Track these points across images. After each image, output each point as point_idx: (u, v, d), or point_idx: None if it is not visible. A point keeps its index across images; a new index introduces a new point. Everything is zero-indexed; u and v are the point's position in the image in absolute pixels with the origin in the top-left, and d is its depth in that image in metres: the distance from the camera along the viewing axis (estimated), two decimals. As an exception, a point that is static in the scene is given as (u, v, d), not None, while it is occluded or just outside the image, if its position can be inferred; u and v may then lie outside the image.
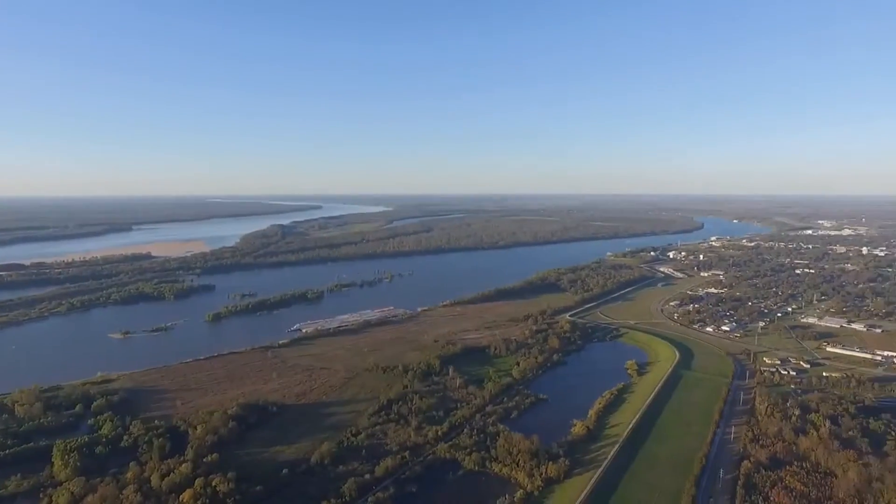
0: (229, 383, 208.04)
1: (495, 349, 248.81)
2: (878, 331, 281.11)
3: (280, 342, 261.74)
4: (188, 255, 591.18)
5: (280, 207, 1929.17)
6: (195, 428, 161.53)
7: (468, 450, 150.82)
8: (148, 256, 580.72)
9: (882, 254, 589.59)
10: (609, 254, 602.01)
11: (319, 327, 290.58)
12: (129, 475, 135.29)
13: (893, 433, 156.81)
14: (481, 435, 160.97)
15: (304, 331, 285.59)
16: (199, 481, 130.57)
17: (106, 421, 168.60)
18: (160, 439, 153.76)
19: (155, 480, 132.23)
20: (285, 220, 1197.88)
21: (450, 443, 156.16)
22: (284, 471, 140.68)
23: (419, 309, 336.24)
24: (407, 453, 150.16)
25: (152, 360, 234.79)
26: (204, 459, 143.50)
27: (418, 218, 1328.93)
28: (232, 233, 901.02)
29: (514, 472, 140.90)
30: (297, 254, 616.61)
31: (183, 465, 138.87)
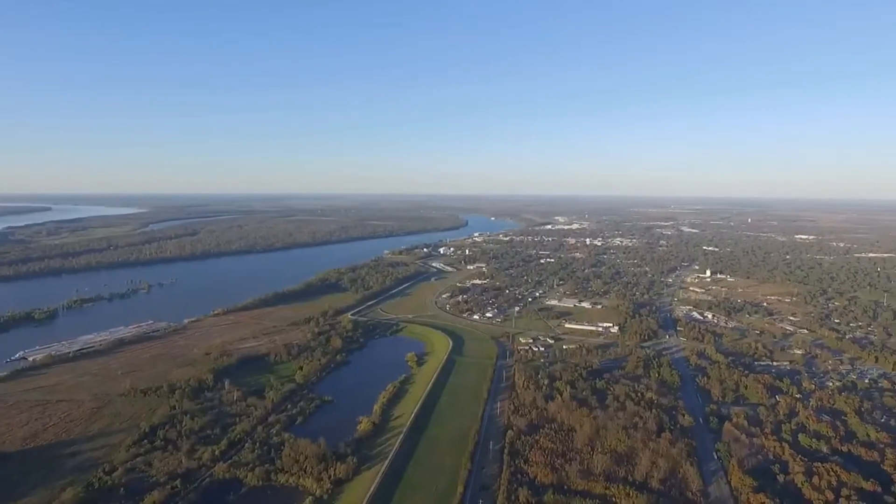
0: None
1: (276, 356, 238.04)
2: (600, 307, 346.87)
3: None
4: None
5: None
6: None
7: (250, 465, 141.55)
8: None
9: (599, 243, 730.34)
10: (386, 252, 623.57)
11: (54, 352, 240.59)
12: None
13: (612, 389, 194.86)
14: (265, 447, 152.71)
15: (31, 359, 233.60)
16: None
17: None
18: None
19: None
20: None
21: (229, 461, 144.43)
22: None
23: (186, 320, 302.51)
24: (178, 482, 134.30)
25: None
26: None
27: (181, 220, 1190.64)
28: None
29: (301, 479, 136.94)
30: (15, 266, 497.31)
31: None
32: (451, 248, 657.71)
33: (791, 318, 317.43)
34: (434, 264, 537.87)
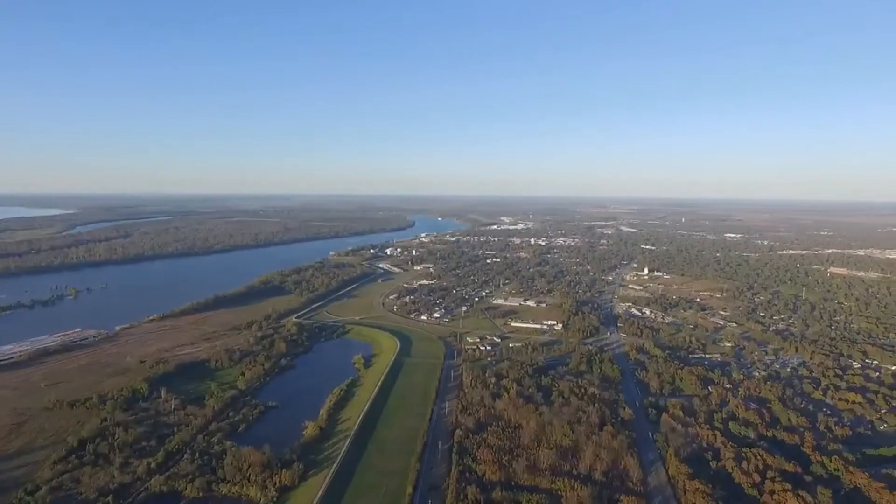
0: None
1: (217, 361, 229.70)
2: (544, 305, 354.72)
3: None
4: None
5: None
6: None
7: (190, 477, 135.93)
8: None
9: (543, 243, 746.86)
10: (332, 253, 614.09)
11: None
12: None
13: (556, 385, 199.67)
14: (205, 457, 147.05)
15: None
16: None
17: None
18: None
19: None
20: None
21: (166, 474, 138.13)
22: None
23: (118, 327, 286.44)
24: (110, 498, 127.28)
25: None
26: None
27: (111, 222, 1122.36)
28: None
29: (245, 489, 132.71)
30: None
31: None
32: (398, 249, 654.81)
33: (721, 312, 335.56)
34: (381, 265, 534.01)
